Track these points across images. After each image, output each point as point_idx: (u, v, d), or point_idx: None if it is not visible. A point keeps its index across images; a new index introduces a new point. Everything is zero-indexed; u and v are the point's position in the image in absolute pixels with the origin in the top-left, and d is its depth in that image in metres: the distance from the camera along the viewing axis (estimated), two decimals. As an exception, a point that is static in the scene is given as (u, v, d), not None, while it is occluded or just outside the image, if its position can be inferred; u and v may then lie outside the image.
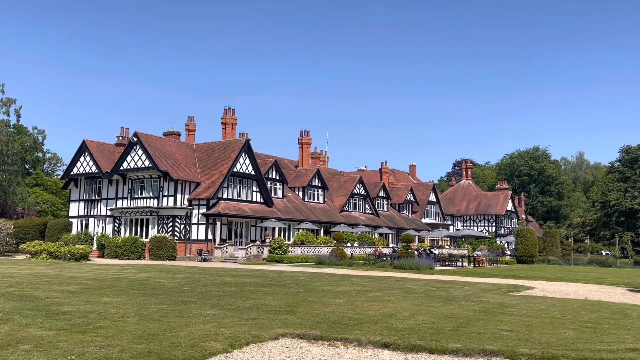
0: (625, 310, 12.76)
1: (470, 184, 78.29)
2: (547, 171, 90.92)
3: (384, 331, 9.04)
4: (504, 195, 71.40)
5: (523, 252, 44.64)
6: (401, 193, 62.83)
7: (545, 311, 12.19)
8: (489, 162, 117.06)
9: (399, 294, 15.61)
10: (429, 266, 29.69)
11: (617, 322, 10.65)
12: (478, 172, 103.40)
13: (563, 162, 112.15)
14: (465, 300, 14.28)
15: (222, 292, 15.14)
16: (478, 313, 11.61)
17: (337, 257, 34.12)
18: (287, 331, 8.96)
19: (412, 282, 20.76)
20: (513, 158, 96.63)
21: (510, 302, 13.89)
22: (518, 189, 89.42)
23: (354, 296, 14.64)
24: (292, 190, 50.93)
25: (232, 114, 48.82)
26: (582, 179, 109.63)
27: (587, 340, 8.56)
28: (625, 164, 73.45)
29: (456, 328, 9.50)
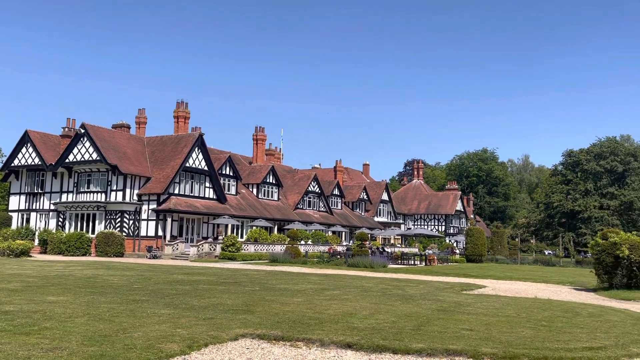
0: (575, 308, 13.14)
1: (421, 183, 79.71)
2: (494, 173, 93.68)
3: (346, 331, 8.90)
4: (454, 196, 73.03)
5: (472, 251, 45.76)
6: (355, 192, 63.22)
7: (501, 310, 12.38)
8: (439, 163, 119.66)
9: (356, 292, 15.55)
10: (382, 264, 29.91)
11: (569, 321, 10.92)
12: (429, 173, 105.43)
13: (510, 164, 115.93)
14: (422, 298, 14.37)
15: (175, 290, 14.65)
16: (436, 312, 11.66)
17: (292, 255, 33.90)
18: (247, 331, 8.68)
19: (367, 280, 20.80)
20: (462, 159, 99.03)
21: (466, 301, 14.06)
22: (467, 189, 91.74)
23: (311, 295, 14.46)
24: (246, 186, 50.30)
25: (185, 108, 47.67)
26: (527, 180, 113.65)
27: (544, 339, 8.69)
28: (567, 168, 76.64)
29: (417, 327, 9.48)
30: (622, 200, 69.72)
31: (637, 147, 75.21)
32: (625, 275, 18.97)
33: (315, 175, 56.29)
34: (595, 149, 74.20)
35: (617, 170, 71.33)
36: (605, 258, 19.26)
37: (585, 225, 70.06)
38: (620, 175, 71.93)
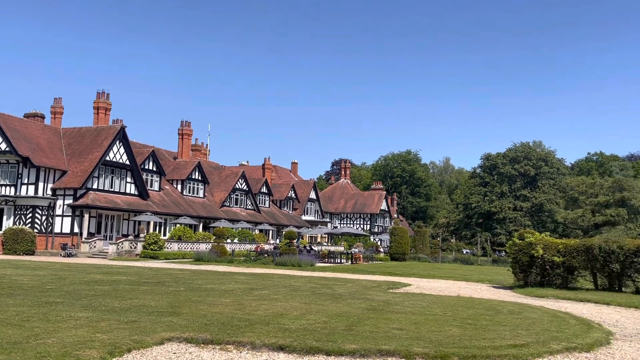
0: (496, 306, 13.64)
1: (348, 183, 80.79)
2: (417, 174, 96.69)
3: (278, 332, 8.67)
4: (379, 195, 74.61)
5: (396, 250, 46.87)
6: (283, 190, 62.99)
7: (428, 308, 12.62)
8: (365, 163, 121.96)
9: (285, 292, 15.34)
10: (310, 263, 29.90)
11: (492, 319, 11.29)
12: (355, 172, 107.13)
13: (432, 166, 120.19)
14: (352, 297, 14.40)
15: (93, 291, 13.78)
16: (367, 311, 11.69)
17: (218, 254, 33.14)
18: (173, 335, 8.24)
19: (295, 279, 20.65)
20: (387, 160, 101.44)
21: (394, 300, 14.24)
22: (391, 189, 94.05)
23: (240, 295, 14.10)
24: (170, 183, 48.70)
25: (106, 99, 45.39)
26: (447, 182, 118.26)
27: (471, 337, 8.89)
28: (485, 170, 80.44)
29: (349, 327, 9.41)
30: (533, 202, 74.09)
31: (547, 153, 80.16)
32: (539, 274, 20.05)
33: (243, 172, 55.51)
34: (510, 154, 78.34)
35: (530, 174, 75.71)
36: (521, 257, 20.25)
37: (500, 225, 73.85)
38: (532, 179, 76.40)
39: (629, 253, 18.31)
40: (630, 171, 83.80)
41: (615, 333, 10.25)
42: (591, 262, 19.05)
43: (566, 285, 19.50)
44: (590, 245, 18.96)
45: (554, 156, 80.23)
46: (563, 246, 19.63)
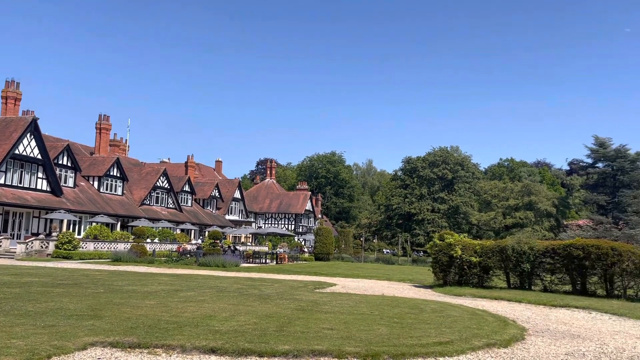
0: (420, 305, 14.12)
1: (273, 182, 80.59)
2: (341, 175, 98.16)
3: (208, 335, 8.50)
4: (304, 195, 75.02)
5: (321, 250, 47.32)
6: (206, 188, 61.73)
7: (355, 308, 12.85)
8: (290, 163, 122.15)
9: (212, 293, 15.05)
10: (235, 263, 29.53)
11: (417, 317, 11.68)
12: (281, 172, 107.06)
13: (355, 167, 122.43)
14: (280, 298, 14.38)
15: (2, 294, 12.84)
16: (296, 311, 11.71)
17: (137, 254, 31.91)
18: (97, 339, 7.86)
19: (221, 280, 20.32)
20: (312, 161, 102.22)
21: (322, 300, 14.37)
22: (316, 190, 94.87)
23: (164, 297, 13.67)
24: (86, 179, 46.30)
25: (15, 88, 42.44)
26: (370, 184, 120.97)
27: (399, 336, 9.16)
28: (406, 173, 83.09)
29: (280, 328, 9.40)
30: (450, 205, 77.45)
31: (464, 158, 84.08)
32: (457, 273, 21.00)
33: (165, 170, 53.84)
34: (430, 158, 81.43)
35: (447, 177, 79.09)
36: (441, 257, 21.12)
37: (419, 226, 76.57)
38: (449, 182, 79.85)
39: (539, 254, 19.61)
40: (537, 177, 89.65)
41: (528, 329, 10.93)
42: (505, 262, 20.21)
43: (482, 284, 20.55)
44: (504, 246, 20.11)
45: (469, 161, 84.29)
46: (480, 247, 20.67)
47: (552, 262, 19.45)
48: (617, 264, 17.88)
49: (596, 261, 18.18)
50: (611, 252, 17.96)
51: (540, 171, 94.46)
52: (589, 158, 60.66)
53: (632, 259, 17.76)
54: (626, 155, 55.14)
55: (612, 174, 55.62)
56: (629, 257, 17.80)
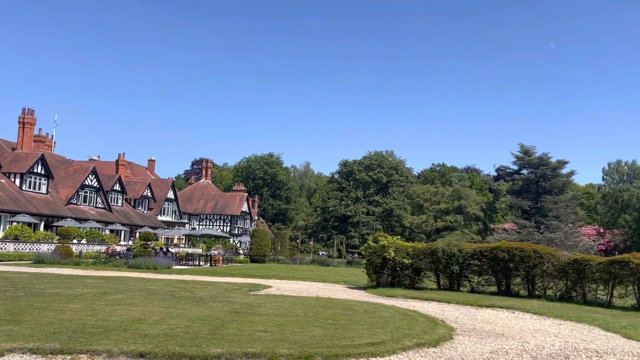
0: (353, 306, 14.30)
1: (209, 183, 79.18)
2: (278, 177, 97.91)
3: (137, 339, 8.21)
4: (240, 197, 74.20)
5: (257, 252, 46.94)
6: (138, 188, 59.76)
7: (290, 310, 12.83)
8: (227, 164, 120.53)
9: (142, 295, 14.58)
10: (167, 265, 28.76)
11: (350, 318, 11.82)
12: (217, 173, 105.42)
13: (293, 169, 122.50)
14: (213, 300, 14.13)
15: None
16: (229, 314, 11.55)
17: (62, 256, 30.40)
18: (16, 345, 7.42)
19: (152, 282, 19.71)
20: (250, 162, 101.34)
21: (256, 302, 14.25)
22: (253, 191, 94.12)
23: (91, 300, 13.09)
24: (6, 176, 43.66)
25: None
26: (307, 186, 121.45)
27: (332, 337, 9.23)
28: (342, 176, 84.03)
29: (212, 331, 9.23)
30: (384, 208, 79.04)
31: (398, 162, 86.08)
32: (390, 275, 21.45)
33: (94, 168, 51.69)
34: (365, 161, 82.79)
35: (382, 181, 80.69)
36: (375, 259, 21.50)
37: (354, 228, 77.64)
38: (384, 186, 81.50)
39: (467, 256, 20.39)
40: (466, 182, 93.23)
41: (456, 329, 11.32)
42: (435, 264, 20.86)
43: (413, 286, 21.10)
44: (435, 249, 20.76)
45: (403, 165, 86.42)
46: (412, 249, 21.23)
47: (479, 264, 20.27)
48: (538, 265, 18.88)
49: (520, 263, 19.11)
50: (533, 254, 18.94)
51: (469, 176, 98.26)
52: (514, 165, 63.76)
53: (552, 261, 18.81)
54: (548, 163, 58.37)
55: (535, 180, 58.69)
56: (549, 260, 18.84)
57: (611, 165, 77.55)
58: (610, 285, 17.80)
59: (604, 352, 9.34)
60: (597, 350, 9.54)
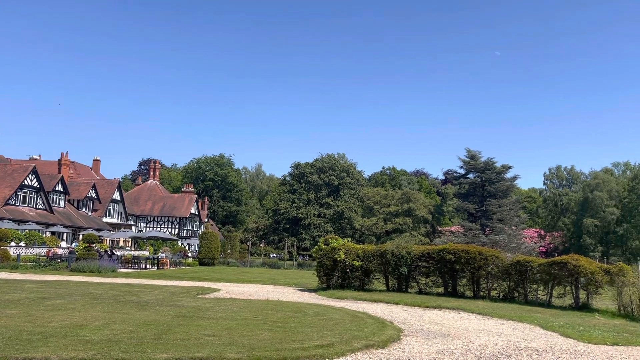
0: (303, 309, 14.29)
1: (157, 184, 77.32)
2: (229, 178, 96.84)
3: (78, 345, 7.90)
4: (190, 198, 72.84)
5: (206, 255, 46.19)
6: (82, 189, 57.64)
7: (239, 313, 12.69)
8: (175, 165, 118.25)
9: (84, 300, 14.06)
10: (111, 269, 27.88)
11: (300, 321, 11.80)
12: (165, 174, 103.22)
13: (244, 171, 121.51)
14: (159, 304, 13.79)
15: None
16: (176, 318, 11.30)
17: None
18: (-57, 356, 6.97)
19: (96, 286, 19.05)
20: (200, 163, 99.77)
21: (205, 305, 14.01)
22: (202, 193, 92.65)
23: (29, 305, 12.51)
24: (-62, 174, 41.17)
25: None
26: (258, 188, 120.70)
27: (282, 340, 9.18)
28: (294, 178, 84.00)
29: (158, 336, 9.00)
30: (335, 210, 79.52)
31: (349, 165, 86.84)
32: (340, 277, 21.57)
33: (35, 167, 49.49)
34: (317, 164, 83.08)
35: (334, 183, 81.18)
36: (326, 261, 21.57)
37: (305, 231, 77.69)
38: (335, 188, 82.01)
39: (415, 258, 20.77)
40: (415, 185, 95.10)
41: (404, 330, 11.50)
42: (385, 266, 21.15)
43: (363, 287, 21.30)
44: (384, 251, 21.04)
45: (354, 168, 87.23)
46: (362, 251, 21.44)
47: (427, 265, 20.69)
48: (483, 267, 19.46)
49: (465, 265, 19.63)
50: (478, 256, 19.51)
51: (418, 180, 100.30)
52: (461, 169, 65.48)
53: (496, 263, 19.43)
54: (493, 167, 60.27)
55: (481, 184, 60.48)
56: (493, 261, 19.44)
57: (551, 171, 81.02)
58: (550, 286, 18.54)
59: (543, 350, 9.71)
60: (536, 348, 9.90)
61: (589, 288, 17.71)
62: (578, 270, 17.44)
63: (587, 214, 67.16)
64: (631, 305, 15.91)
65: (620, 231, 65.11)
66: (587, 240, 65.70)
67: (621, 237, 65.37)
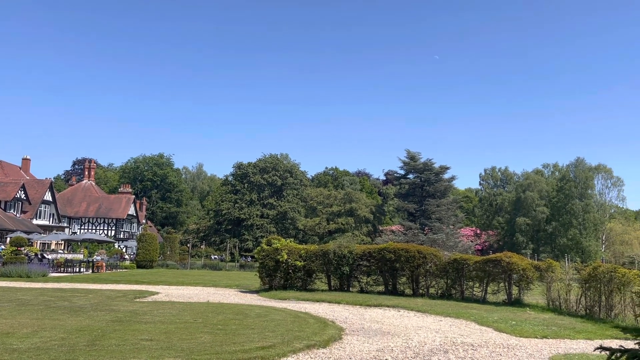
0: (245, 310, 14.14)
1: (92, 185, 74.39)
2: (169, 178, 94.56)
3: (4, 354, 7.46)
4: (127, 199, 70.56)
5: (144, 257, 44.88)
6: (10, 189, 54.57)
7: (178, 316, 12.39)
8: (112, 164, 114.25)
9: (11, 307, 13.30)
10: (42, 273, 26.55)
11: (241, 323, 11.67)
12: (101, 174, 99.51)
13: (184, 171, 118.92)
14: (94, 310, 13.25)
15: None
16: (112, 323, 10.89)
17: None
18: None
19: (24, 292, 18.07)
20: (138, 162, 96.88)
21: (142, 309, 13.59)
22: (140, 193, 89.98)
23: (-51, 314, 11.71)
24: None
25: None
26: (199, 188, 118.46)
27: (222, 343, 9.04)
28: (236, 179, 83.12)
29: (92, 342, 8.64)
30: (279, 210, 79.33)
31: (293, 165, 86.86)
32: (283, 277, 21.51)
33: (-42, 166, 46.42)
34: (260, 164, 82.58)
35: (277, 184, 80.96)
36: (268, 262, 21.46)
37: (248, 232, 77.04)
38: (279, 189, 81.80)
39: (357, 257, 21.02)
40: (357, 185, 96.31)
41: (345, 329, 11.60)
42: (327, 266, 21.27)
43: (306, 287, 21.34)
44: (327, 250, 21.18)
45: (298, 168, 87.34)
46: (304, 251, 21.48)
47: (368, 264, 20.99)
48: (422, 265, 19.95)
49: (405, 263, 20.06)
50: (418, 254, 19.98)
51: (360, 180, 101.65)
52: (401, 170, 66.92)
53: (434, 261, 19.96)
54: (432, 168, 61.98)
55: (420, 184, 62.03)
56: (432, 260, 19.97)
57: (487, 171, 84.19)
58: (485, 283, 19.25)
59: (478, 345, 10.05)
60: (472, 343, 10.24)
61: (521, 284, 18.51)
62: (511, 267, 18.20)
63: (520, 213, 70.24)
64: (559, 299, 16.77)
65: (549, 229, 68.52)
66: (519, 238, 68.73)
67: (550, 235, 68.83)
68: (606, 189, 78.77)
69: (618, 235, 69.65)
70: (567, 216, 66.65)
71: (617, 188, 78.54)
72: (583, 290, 15.91)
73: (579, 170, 69.93)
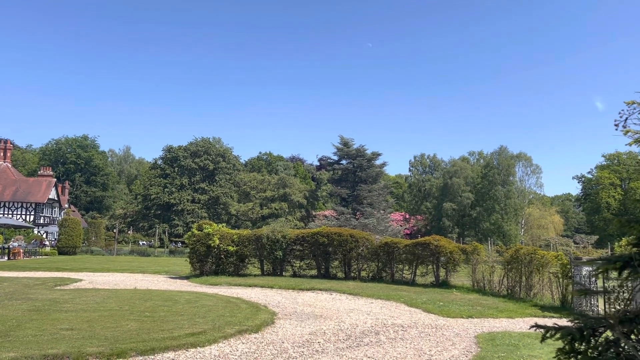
0: (174, 297, 13.73)
1: (8, 167, 69.73)
2: (94, 161, 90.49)
3: None
4: (47, 183, 66.73)
5: (66, 243, 42.75)
6: None
7: (102, 304, 11.83)
8: (31, 146, 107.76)
9: None
10: (-49, 261, 24.63)
11: (170, 309, 11.31)
12: (19, 155, 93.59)
13: (111, 154, 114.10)
14: (9, 298, 12.41)
15: None
16: (28, 313, 10.22)
17: None
18: None
19: None
20: (60, 144, 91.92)
21: (63, 298, 12.87)
22: (63, 176, 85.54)
23: None
24: None
25: None
26: (127, 172, 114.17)
27: (150, 330, 8.69)
28: (166, 162, 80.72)
29: (6, 333, 8.05)
30: (211, 195, 77.93)
31: (225, 149, 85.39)
32: (214, 263, 21.15)
33: None
34: (192, 147, 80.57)
35: (209, 168, 79.37)
36: (199, 247, 21.00)
37: (178, 217, 75.20)
38: (211, 173, 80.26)
39: (290, 241, 20.97)
40: (291, 170, 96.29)
41: (278, 313, 11.51)
42: (260, 250, 21.10)
43: (238, 272, 21.09)
44: (260, 235, 20.98)
45: (231, 153, 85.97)
46: (237, 236, 21.18)
47: (301, 249, 21.01)
48: (354, 249, 20.20)
49: (338, 247, 20.24)
50: (350, 238, 20.20)
51: (294, 165, 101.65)
52: (335, 155, 67.48)
53: (366, 245, 20.26)
54: (364, 154, 62.89)
55: (353, 170, 62.81)
56: (363, 243, 20.26)
57: (416, 158, 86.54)
58: (414, 265, 19.78)
59: (408, 326, 10.27)
60: (402, 324, 10.45)
61: (448, 266, 19.16)
62: (439, 250, 18.78)
63: (447, 198, 72.88)
64: (483, 280, 17.51)
65: (474, 214, 71.57)
66: (446, 222, 71.36)
67: (474, 220, 71.92)
68: (526, 176, 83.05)
69: (535, 220, 73.83)
70: (491, 202, 69.79)
71: (536, 175, 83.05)
72: (505, 271, 16.67)
73: (502, 158, 73.25)
